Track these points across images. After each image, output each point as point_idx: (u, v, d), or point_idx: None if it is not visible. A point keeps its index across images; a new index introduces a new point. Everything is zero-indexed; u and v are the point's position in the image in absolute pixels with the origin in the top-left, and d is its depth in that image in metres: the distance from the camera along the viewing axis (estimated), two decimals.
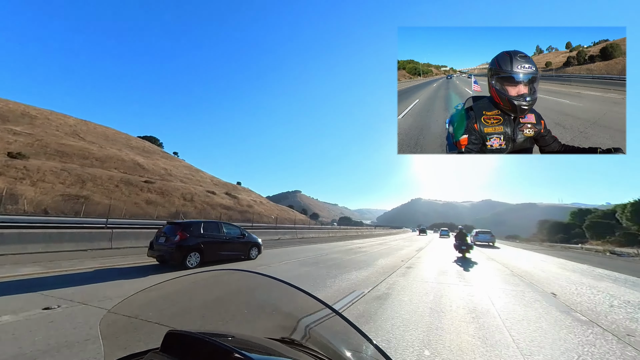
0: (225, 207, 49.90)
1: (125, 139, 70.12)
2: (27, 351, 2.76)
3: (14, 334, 3.14)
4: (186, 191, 47.42)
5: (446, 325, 3.98)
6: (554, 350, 3.31)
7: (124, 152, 55.35)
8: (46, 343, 2.93)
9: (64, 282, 5.45)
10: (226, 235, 9.37)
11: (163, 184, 45.80)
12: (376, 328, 3.76)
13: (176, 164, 71.43)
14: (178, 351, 0.75)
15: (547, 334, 3.85)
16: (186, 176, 61.61)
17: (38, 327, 3.31)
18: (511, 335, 3.73)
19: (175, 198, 42.81)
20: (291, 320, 1.04)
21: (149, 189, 41.22)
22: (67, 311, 3.92)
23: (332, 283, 6.61)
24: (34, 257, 7.90)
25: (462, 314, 4.58)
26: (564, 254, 24.50)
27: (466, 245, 14.45)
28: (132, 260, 8.53)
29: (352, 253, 14.02)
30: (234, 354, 0.66)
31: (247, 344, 0.82)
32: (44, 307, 3.97)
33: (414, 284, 7.09)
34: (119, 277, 6.25)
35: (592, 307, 5.66)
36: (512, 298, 6.06)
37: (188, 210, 38.24)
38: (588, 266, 14.11)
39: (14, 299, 4.30)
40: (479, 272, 9.88)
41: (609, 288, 7.99)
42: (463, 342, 3.38)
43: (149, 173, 50.09)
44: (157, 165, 57.87)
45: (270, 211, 67.10)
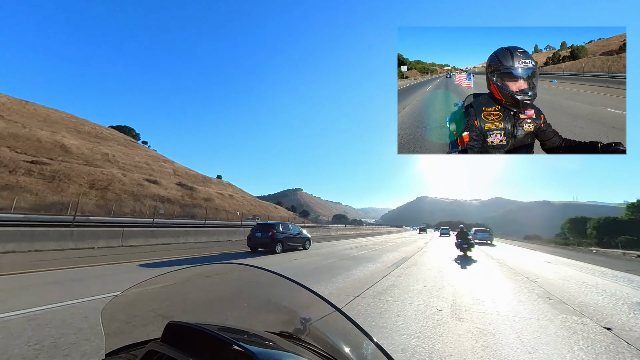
0: (162, 198, 45.28)
1: (75, 124, 63.81)
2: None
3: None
4: (100, 178, 41.06)
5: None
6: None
7: (58, 135, 48.74)
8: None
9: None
10: (293, 232, 13.43)
11: (64, 167, 38.41)
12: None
13: (138, 152, 65.49)
14: (178, 342, 0.76)
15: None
16: (136, 164, 56.33)
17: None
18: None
19: (74, 184, 36.70)
20: (291, 315, 1.05)
21: (29, 170, 33.21)
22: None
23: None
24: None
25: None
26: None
27: (467, 243, 14.50)
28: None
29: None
30: (234, 345, 0.67)
31: (246, 336, 0.83)
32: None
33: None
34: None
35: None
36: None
37: (87, 200, 32.37)
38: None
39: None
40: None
41: None
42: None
43: (71, 156, 43.95)
44: (96, 150, 51.12)
45: (240, 207, 62.82)
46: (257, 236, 12.02)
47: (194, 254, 10.31)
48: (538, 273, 9.88)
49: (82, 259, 7.89)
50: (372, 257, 12.07)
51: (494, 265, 11.41)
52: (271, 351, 0.76)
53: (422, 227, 68.99)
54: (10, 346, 2.69)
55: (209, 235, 15.77)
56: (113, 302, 0.98)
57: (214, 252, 11.31)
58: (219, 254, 10.70)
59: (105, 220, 23.03)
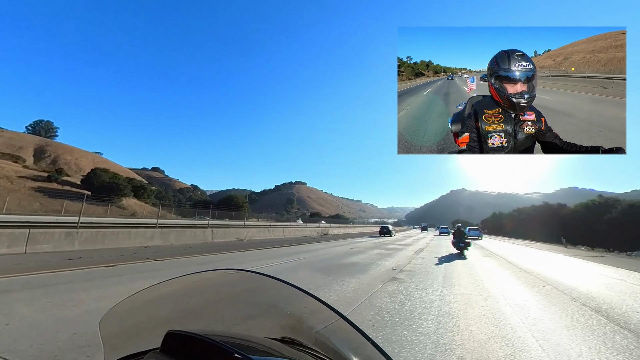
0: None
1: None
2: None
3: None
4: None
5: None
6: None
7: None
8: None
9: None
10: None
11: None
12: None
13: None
14: (178, 351, 0.74)
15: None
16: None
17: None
18: None
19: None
20: (292, 321, 1.03)
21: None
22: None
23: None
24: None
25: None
26: None
27: (464, 242, 14.51)
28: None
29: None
30: (234, 354, 0.65)
31: (247, 343, 0.81)
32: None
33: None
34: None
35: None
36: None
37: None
38: None
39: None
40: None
41: None
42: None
43: None
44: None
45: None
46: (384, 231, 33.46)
47: None
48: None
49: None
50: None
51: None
52: (272, 358, 0.74)
53: (424, 226, 71.99)
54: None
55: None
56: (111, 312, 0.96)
57: None
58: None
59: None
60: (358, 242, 22.77)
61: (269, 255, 11.62)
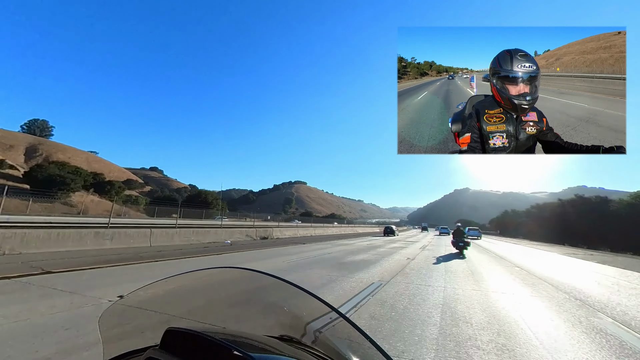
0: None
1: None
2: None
3: None
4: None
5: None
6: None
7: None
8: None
9: None
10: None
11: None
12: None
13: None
14: (177, 348, 0.74)
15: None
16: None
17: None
18: None
19: None
20: (291, 319, 1.03)
21: None
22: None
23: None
24: None
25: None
26: None
27: (464, 242, 14.53)
28: None
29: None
30: (233, 351, 0.65)
31: (246, 341, 0.81)
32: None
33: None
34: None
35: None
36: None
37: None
38: None
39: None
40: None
41: None
42: None
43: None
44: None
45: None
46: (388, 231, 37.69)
47: None
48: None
49: None
50: None
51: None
52: (271, 356, 0.74)
53: (424, 226, 73.10)
54: None
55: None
56: (111, 308, 0.96)
57: None
58: None
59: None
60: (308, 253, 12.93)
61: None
